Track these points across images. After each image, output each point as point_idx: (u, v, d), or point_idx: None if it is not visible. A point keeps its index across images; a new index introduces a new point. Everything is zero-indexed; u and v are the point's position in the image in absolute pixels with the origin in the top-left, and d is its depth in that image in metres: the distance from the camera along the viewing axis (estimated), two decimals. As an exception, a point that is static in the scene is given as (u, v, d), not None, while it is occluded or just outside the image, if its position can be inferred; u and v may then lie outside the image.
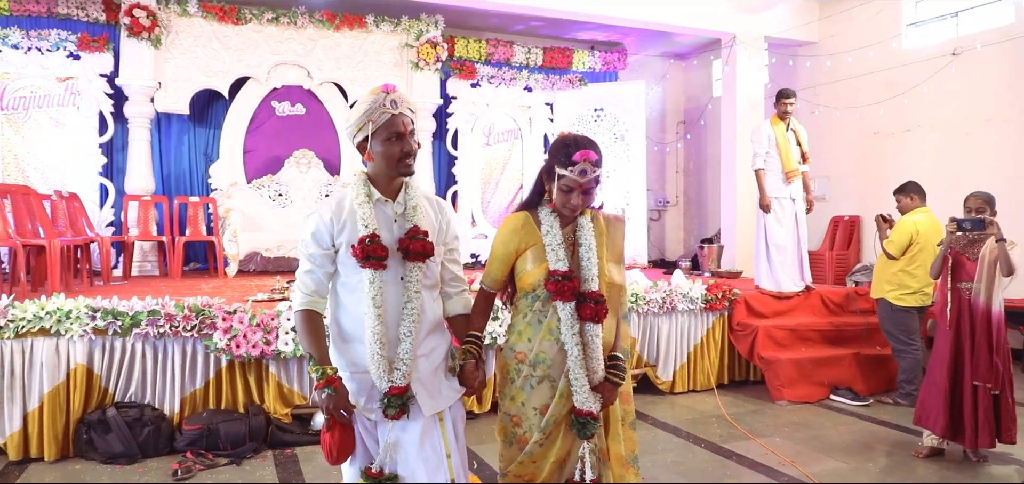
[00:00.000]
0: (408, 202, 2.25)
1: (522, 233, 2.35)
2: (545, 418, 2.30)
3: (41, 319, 4.02)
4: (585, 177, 2.23)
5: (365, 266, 2.13)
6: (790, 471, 3.91)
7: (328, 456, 2.14)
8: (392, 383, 2.12)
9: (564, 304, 2.26)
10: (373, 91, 2.18)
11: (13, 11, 7.27)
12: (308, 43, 8.23)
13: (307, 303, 2.19)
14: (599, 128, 9.31)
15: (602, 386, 2.30)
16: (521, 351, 2.34)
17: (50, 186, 6.98)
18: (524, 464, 2.34)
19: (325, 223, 2.19)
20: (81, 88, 7.37)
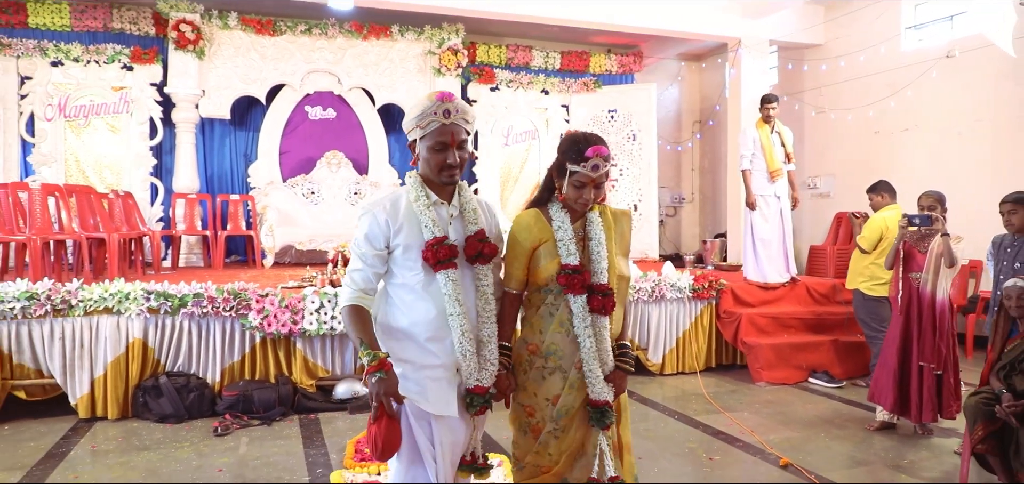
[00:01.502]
0: (464, 205, 2.29)
1: (535, 229, 2.38)
2: (557, 408, 2.35)
3: (105, 300, 4.77)
4: (597, 172, 2.29)
5: (438, 270, 2.17)
6: (748, 439, 4.45)
7: (374, 450, 2.09)
8: (479, 382, 2.21)
9: (575, 297, 2.32)
10: (429, 96, 2.20)
11: (74, 27, 8.12)
12: (338, 52, 8.93)
13: (355, 299, 2.20)
14: (612, 128, 9.85)
15: (614, 375, 2.38)
16: (533, 343, 2.40)
17: (107, 185, 7.81)
18: (539, 454, 2.39)
19: (380, 225, 2.20)
20: (134, 96, 8.20)
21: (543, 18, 8.55)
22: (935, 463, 4.07)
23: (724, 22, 9.02)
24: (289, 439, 4.45)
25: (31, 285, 4.71)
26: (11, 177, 7.58)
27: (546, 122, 9.94)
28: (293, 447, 4.29)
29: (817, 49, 9.36)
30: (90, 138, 8.11)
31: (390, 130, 9.35)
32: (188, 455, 4.12)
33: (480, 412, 2.23)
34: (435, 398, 2.18)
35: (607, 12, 8.58)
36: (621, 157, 9.81)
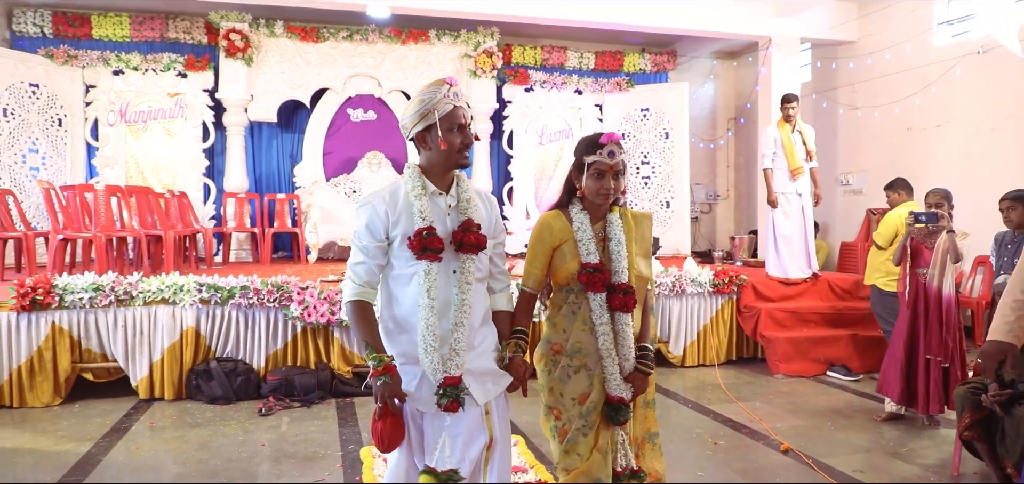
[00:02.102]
0: (461, 195, 2.32)
1: (556, 229, 2.47)
2: (586, 406, 2.42)
3: (161, 291, 5.27)
4: (614, 158, 2.40)
5: (421, 258, 2.19)
6: (755, 426, 4.69)
7: (378, 443, 2.18)
8: (446, 373, 2.18)
9: (595, 294, 2.41)
10: (435, 83, 2.26)
11: (133, 37, 8.75)
12: (378, 56, 9.38)
13: (359, 294, 2.23)
14: (645, 127, 10.08)
15: (633, 376, 2.45)
16: (557, 342, 2.47)
17: (164, 185, 8.41)
18: (568, 454, 2.43)
19: (379, 216, 2.23)
20: (188, 102, 8.78)
21: (576, 21, 8.83)
22: (934, 451, 4.25)
23: (755, 21, 9.16)
24: (326, 420, 4.87)
25: (97, 278, 5.24)
26: (77, 179, 8.23)
27: (580, 121, 10.21)
28: (329, 427, 4.71)
29: (850, 46, 9.42)
30: (148, 141, 8.72)
31: (428, 130, 9.74)
32: (235, 432, 4.57)
33: (451, 406, 2.17)
34: (428, 393, 2.21)
35: (639, 13, 8.80)
36: (653, 155, 10.03)
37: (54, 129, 8.27)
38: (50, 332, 5.09)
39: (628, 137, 10.12)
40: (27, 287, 4.99)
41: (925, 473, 3.91)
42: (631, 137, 10.12)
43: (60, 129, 8.32)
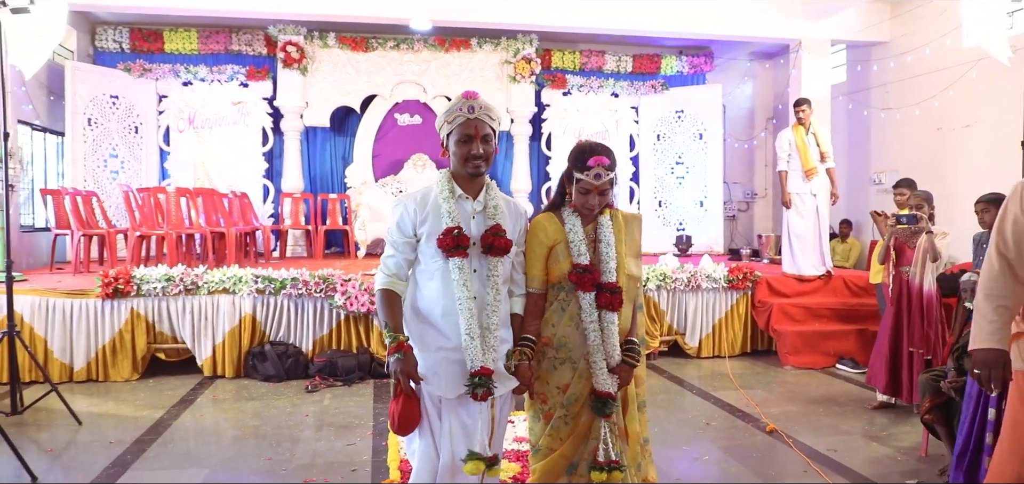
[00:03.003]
0: (488, 201, 2.48)
1: (550, 231, 2.60)
2: (566, 395, 2.58)
3: (223, 282, 6.05)
4: (599, 180, 2.50)
5: (451, 256, 2.37)
6: (749, 410, 5.15)
7: (392, 424, 2.37)
8: (483, 364, 2.34)
9: (585, 293, 2.54)
10: (457, 96, 2.45)
11: (200, 50, 9.66)
12: (423, 64, 10.05)
13: (388, 283, 2.44)
14: (680, 128, 10.49)
15: (619, 368, 2.57)
16: (546, 336, 2.60)
17: (228, 186, 9.26)
18: (551, 437, 2.60)
19: (409, 214, 2.44)
20: (249, 109, 9.65)
21: (606, 30, 9.33)
22: (912, 436, 4.64)
23: (785, 24, 9.45)
24: (363, 397, 5.55)
25: (168, 270, 6.06)
26: (151, 181, 9.18)
27: (616, 124, 10.68)
28: (365, 403, 5.38)
29: (883, 46, 9.62)
30: (214, 146, 9.62)
31: (470, 133, 10.37)
32: (284, 405, 5.30)
33: (484, 397, 2.34)
34: (447, 379, 2.38)
35: (669, 20, 9.24)
36: (688, 155, 10.43)
37: (131, 136, 9.24)
38: (129, 317, 5.94)
39: (663, 138, 10.55)
40: (110, 278, 5.84)
41: (895, 454, 4.32)
42: (666, 138, 10.54)
43: (137, 136, 9.29)
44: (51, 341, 5.84)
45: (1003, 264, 2.35)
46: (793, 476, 3.94)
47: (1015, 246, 2.33)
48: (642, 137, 10.65)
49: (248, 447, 4.38)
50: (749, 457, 4.23)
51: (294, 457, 4.18)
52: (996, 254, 2.37)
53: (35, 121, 8.42)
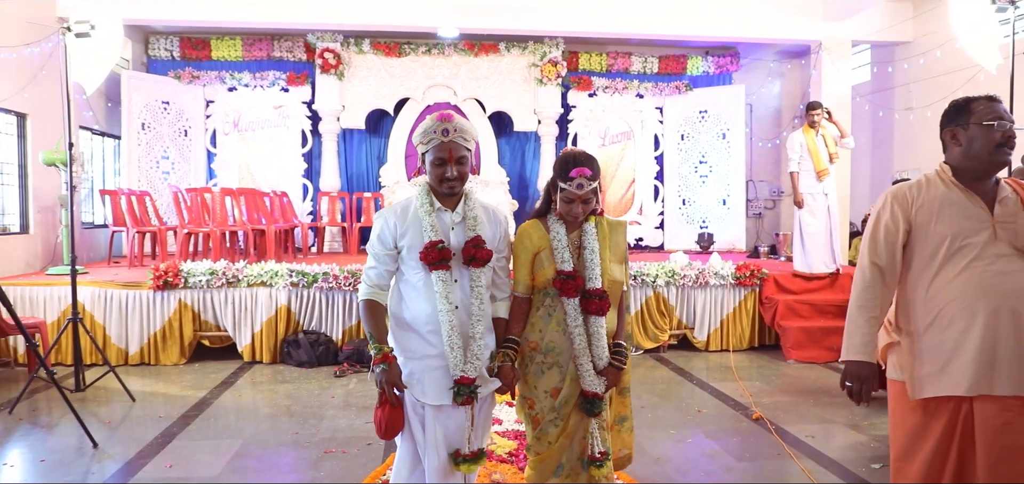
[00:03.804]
0: (467, 212, 2.56)
1: (535, 238, 2.69)
2: (558, 400, 2.67)
3: (260, 276, 6.66)
4: (581, 190, 2.58)
5: (433, 269, 2.44)
6: (742, 399, 5.52)
7: (378, 430, 2.47)
8: (464, 373, 2.45)
9: (569, 299, 2.62)
10: (432, 116, 2.50)
11: (245, 57, 10.35)
12: (454, 68, 10.58)
13: (370, 294, 2.54)
14: (704, 128, 10.80)
15: (607, 370, 2.67)
16: (533, 340, 2.70)
17: (269, 185, 9.95)
18: (540, 440, 2.71)
19: (390, 228, 2.52)
20: (289, 113, 10.31)
21: (636, 34, 9.73)
22: (891, 424, 4.96)
23: (806, 26, 9.72)
24: (386, 382, 6.08)
25: (212, 264, 6.70)
26: (199, 181, 9.91)
27: (641, 123, 11.05)
28: (387, 387, 5.92)
29: (906, 46, 9.79)
30: (257, 148, 10.31)
31: (499, 134, 10.87)
32: (314, 388, 5.87)
33: (466, 402, 2.46)
34: (431, 388, 2.48)
35: (690, 24, 9.61)
36: (711, 154, 10.74)
37: (181, 139, 9.99)
38: (177, 307, 6.59)
39: (687, 138, 10.87)
40: (160, 271, 6.50)
41: (869, 441, 4.65)
42: (690, 138, 10.86)
43: (186, 139, 10.03)
44: (109, 328, 6.54)
45: (875, 273, 2.48)
46: (766, 458, 4.33)
47: (887, 253, 2.48)
48: (666, 137, 10.99)
49: (279, 423, 4.96)
50: (728, 440, 4.62)
51: (318, 432, 4.73)
52: (869, 264, 2.50)
53: (94, 126, 9.23)
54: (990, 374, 2.31)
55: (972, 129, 2.41)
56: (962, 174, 2.44)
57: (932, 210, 2.43)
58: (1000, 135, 2.37)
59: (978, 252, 2.36)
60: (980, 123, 2.39)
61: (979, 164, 2.41)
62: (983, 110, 2.40)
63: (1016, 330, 2.32)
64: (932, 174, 2.50)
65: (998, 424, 2.31)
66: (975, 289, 2.34)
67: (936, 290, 2.40)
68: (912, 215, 2.46)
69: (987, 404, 2.32)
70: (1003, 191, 2.44)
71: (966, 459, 2.37)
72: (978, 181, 2.43)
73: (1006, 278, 2.34)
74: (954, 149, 2.48)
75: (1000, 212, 2.39)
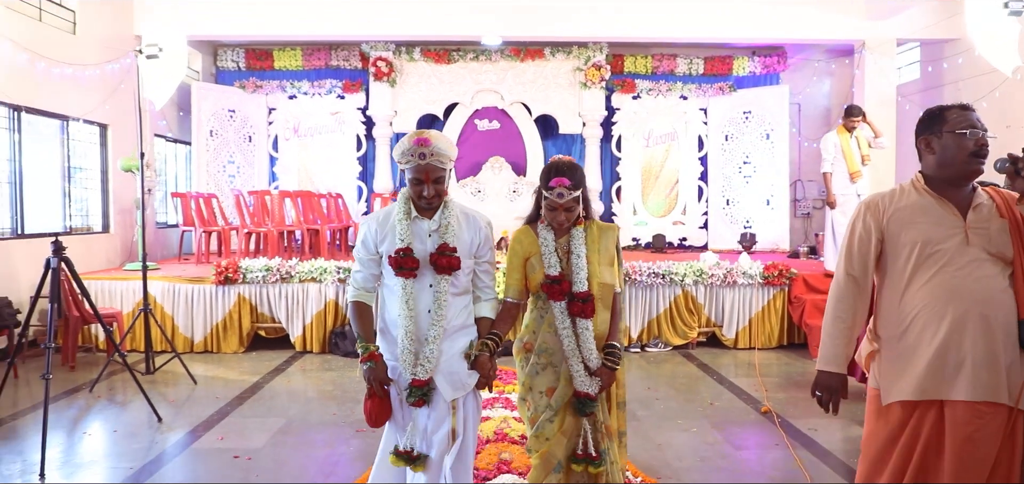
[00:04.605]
0: (442, 220, 2.65)
1: (525, 243, 2.82)
2: (554, 398, 2.79)
3: (311, 272, 7.27)
4: (562, 199, 2.70)
5: (399, 275, 2.57)
6: (756, 394, 5.79)
7: (368, 420, 2.64)
8: (414, 376, 2.57)
9: (557, 303, 2.75)
10: (410, 137, 2.59)
11: (304, 66, 11.06)
12: (501, 73, 11.03)
13: (356, 296, 2.72)
14: (748, 129, 10.95)
15: (600, 371, 2.77)
16: (528, 342, 2.85)
17: (326, 188, 10.62)
18: (539, 438, 2.81)
19: (371, 233, 2.68)
20: (345, 119, 10.98)
21: (678, 38, 10.00)
22: (898, 420, 5.15)
23: (850, 25, 9.79)
24: (423, 372, 6.59)
25: (268, 261, 7.35)
26: (262, 184, 10.67)
27: (685, 125, 11.26)
28: (423, 376, 6.43)
29: (954, 43, 9.72)
30: (315, 152, 11.02)
31: (546, 136, 11.27)
32: (356, 376, 6.43)
33: (419, 403, 2.59)
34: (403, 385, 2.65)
35: (734, 25, 9.81)
36: (755, 155, 10.88)
37: (245, 145, 10.78)
38: (237, 300, 7.26)
39: (731, 138, 11.04)
40: (222, 268, 7.19)
41: (872, 434, 4.88)
42: (734, 138, 11.03)
43: (250, 144, 10.82)
44: (177, 318, 7.27)
45: (850, 283, 2.53)
46: (764, 449, 4.62)
47: (860, 264, 2.52)
48: (710, 138, 11.18)
49: (320, 405, 5.52)
50: (732, 431, 4.92)
51: (354, 414, 5.26)
52: (844, 275, 2.55)
53: (168, 134, 10.08)
54: (954, 378, 2.33)
55: (945, 137, 2.42)
56: (935, 182, 2.46)
57: (904, 218, 2.45)
58: (973, 143, 2.38)
59: (949, 258, 2.37)
60: (953, 131, 2.40)
61: (952, 172, 2.43)
62: (956, 119, 2.42)
63: (985, 334, 2.32)
64: (907, 183, 2.53)
65: (967, 432, 2.32)
66: (945, 294, 2.36)
67: (908, 297, 2.43)
68: (884, 224, 2.48)
69: (957, 410, 2.34)
70: (978, 198, 2.44)
71: (929, 466, 2.38)
72: (952, 188, 2.44)
73: (977, 282, 2.34)
74: (928, 158, 2.49)
75: (973, 218, 2.39)
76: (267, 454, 4.44)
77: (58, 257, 4.63)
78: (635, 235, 11.15)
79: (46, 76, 7.50)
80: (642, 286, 7.40)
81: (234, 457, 4.37)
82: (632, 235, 11.15)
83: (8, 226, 7.26)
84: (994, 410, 2.31)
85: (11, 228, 7.27)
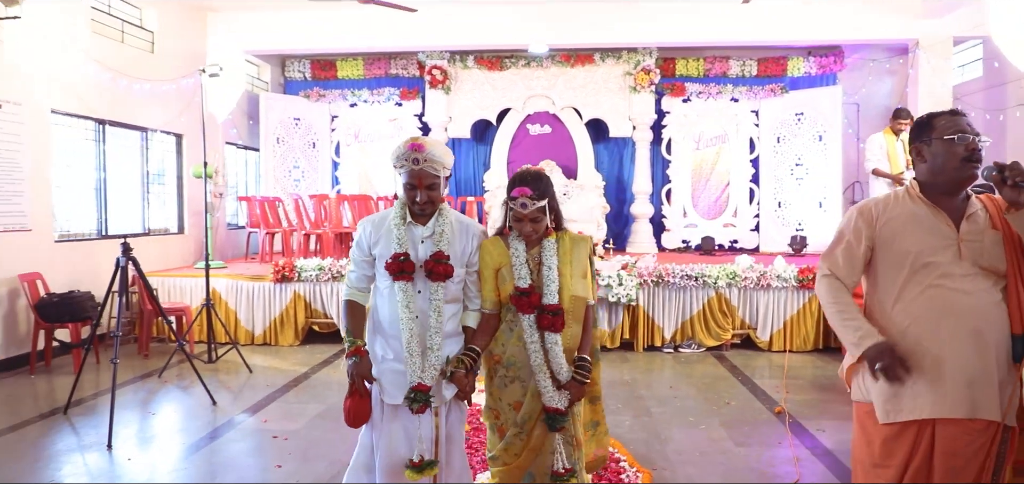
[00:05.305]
0: (436, 228, 2.69)
1: (495, 254, 2.77)
2: (520, 414, 2.75)
3: (360, 272, 7.84)
4: (525, 209, 2.66)
5: (396, 280, 2.61)
6: (774, 395, 5.97)
7: (346, 419, 2.66)
8: (420, 380, 2.60)
9: (525, 315, 2.69)
10: (405, 141, 2.65)
11: (365, 75, 11.72)
12: (552, 79, 11.39)
13: (349, 294, 2.80)
14: (800, 130, 10.95)
15: (569, 384, 2.71)
16: (497, 354, 2.79)
17: (385, 191, 11.23)
18: (506, 450, 2.79)
19: (366, 236, 2.75)
20: (402, 125, 11.58)
21: (728, 41, 10.14)
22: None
23: (904, 24, 9.71)
24: (459, 367, 7.05)
25: (321, 261, 7.96)
26: (325, 188, 11.39)
27: (736, 127, 11.34)
28: (458, 371, 6.88)
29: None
30: (374, 157, 11.66)
31: (597, 140, 11.57)
32: (396, 369, 6.94)
33: (420, 410, 2.60)
34: (389, 386, 2.71)
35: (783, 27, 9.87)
36: (807, 157, 10.87)
37: (310, 151, 11.52)
38: (293, 297, 7.90)
39: (783, 140, 11.06)
40: (279, 267, 7.84)
41: (879, 435, 5.02)
42: (785, 140, 11.04)
43: (313, 150, 11.56)
44: (239, 313, 7.97)
45: (833, 280, 2.54)
46: (765, 446, 4.83)
47: (846, 268, 2.53)
48: (762, 140, 11.22)
49: (358, 395, 6.04)
50: (740, 429, 5.15)
51: (387, 403, 5.75)
52: (831, 276, 2.54)
53: (238, 142, 10.90)
54: (948, 396, 2.32)
55: (935, 144, 2.40)
56: (930, 190, 2.45)
57: (896, 227, 2.43)
58: (964, 149, 2.35)
59: (942, 271, 2.35)
60: (942, 138, 2.37)
61: (946, 179, 2.40)
62: (945, 124, 2.39)
63: (978, 351, 2.31)
64: (900, 190, 2.53)
65: (956, 448, 2.32)
66: (938, 310, 2.34)
67: (900, 309, 2.42)
68: (876, 231, 2.47)
69: (949, 427, 2.33)
70: (972, 207, 2.42)
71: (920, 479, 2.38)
72: (946, 196, 2.42)
73: (969, 298, 2.33)
74: (921, 165, 2.48)
75: (966, 229, 2.38)
76: (302, 435, 4.97)
77: (126, 256, 5.28)
78: (684, 237, 11.31)
79: (127, 92, 8.34)
80: (675, 288, 7.64)
81: (273, 437, 4.93)
82: (682, 237, 11.31)
83: (94, 228, 8.13)
84: (986, 427, 2.32)
85: (96, 230, 8.14)
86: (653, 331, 7.71)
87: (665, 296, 7.66)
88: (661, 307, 7.66)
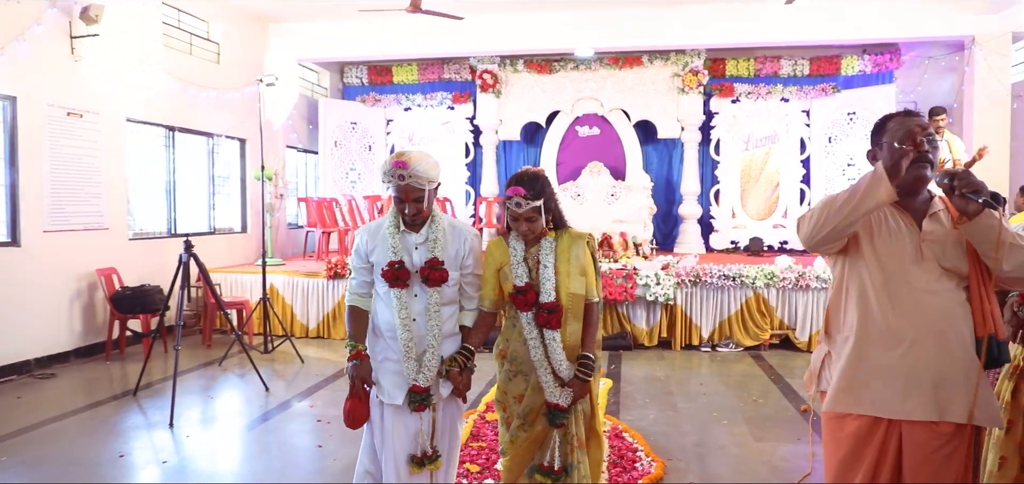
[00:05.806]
0: (430, 234, 2.80)
1: (497, 254, 2.89)
2: (522, 406, 2.85)
3: (407, 270, 8.25)
4: (519, 209, 2.74)
5: (393, 287, 2.71)
6: (802, 394, 6.08)
7: (345, 420, 2.76)
8: (416, 382, 2.71)
9: (524, 313, 2.79)
10: (391, 157, 2.74)
11: (419, 80, 12.17)
12: (600, 81, 11.60)
13: (351, 299, 2.90)
14: (853, 130, 10.87)
15: (572, 382, 2.78)
16: (502, 348, 2.93)
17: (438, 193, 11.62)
18: (512, 442, 2.89)
19: (363, 243, 2.85)
20: (454, 128, 11.98)
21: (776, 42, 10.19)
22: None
23: (959, 20, 9.55)
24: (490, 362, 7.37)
25: (371, 259, 8.40)
26: (379, 190, 11.85)
27: (786, 128, 11.32)
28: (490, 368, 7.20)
29: (1082, 36, 9.26)
30: (427, 159, 12.07)
31: (645, 142, 11.72)
32: (439, 362, 7.30)
33: (419, 408, 2.73)
34: (389, 387, 2.80)
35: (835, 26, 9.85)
36: (860, 157, 10.74)
37: (366, 153, 12.05)
38: (344, 292, 8.34)
39: (834, 140, 10.99)
40: (331, 264, 8.32)
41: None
42: (837, 140, 10.97)
43: (369, 153, 12.08)
44: (295, 307, 8.49)
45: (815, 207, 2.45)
46: (782, 442, 4.97)
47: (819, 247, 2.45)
48: (813, 140, 11.17)
49: (400, 385, 6.43)
50: (762, 425, 5.30)
51: (425, 393, 6.12)
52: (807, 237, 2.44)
53: (298, 145, 11.50)
54: (911, 398, 2.31)
55: (885, 149, 2.35)
56: None
57: (861, 227, 2.39)
58: (913, 151, 2.27)
59: (905, 271, 2.34)
60: (891, 143, 2.32)
61: (898, 181, 2.28)
62: (894, 129, 2.35)
63: (942, 352, 2.30)
64: None
65: (925, 453, 2.31)
66: (901, 309, 2.33)
67: (863, 304, 2.39)
68: None
69: (916, 430, 2.32)
70: (935, 207, 2.40)
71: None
72: (907, 197, 2.40)
73: (932, 298, 2.31)
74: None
75: (929, 229, 2.36)
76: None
77: (188, 253, 5.79)
78: (733, 238, 11.35)
79: (195, 100, 8.97)
80: (713, 288, 7.78)
81: (318, 420, 5.35)
82: (730, 238, 11.36)
83: (164, 227, 8.79)
84: (956, 431, 2.30)
85: (166, 229, 8.80)
86: (691, 330, 7.86)
87: (703, 296, 7.80)
88: (699, 306, 7.81)
